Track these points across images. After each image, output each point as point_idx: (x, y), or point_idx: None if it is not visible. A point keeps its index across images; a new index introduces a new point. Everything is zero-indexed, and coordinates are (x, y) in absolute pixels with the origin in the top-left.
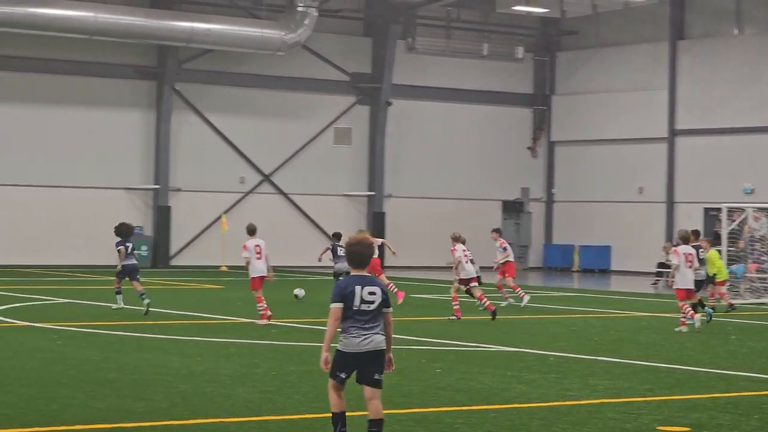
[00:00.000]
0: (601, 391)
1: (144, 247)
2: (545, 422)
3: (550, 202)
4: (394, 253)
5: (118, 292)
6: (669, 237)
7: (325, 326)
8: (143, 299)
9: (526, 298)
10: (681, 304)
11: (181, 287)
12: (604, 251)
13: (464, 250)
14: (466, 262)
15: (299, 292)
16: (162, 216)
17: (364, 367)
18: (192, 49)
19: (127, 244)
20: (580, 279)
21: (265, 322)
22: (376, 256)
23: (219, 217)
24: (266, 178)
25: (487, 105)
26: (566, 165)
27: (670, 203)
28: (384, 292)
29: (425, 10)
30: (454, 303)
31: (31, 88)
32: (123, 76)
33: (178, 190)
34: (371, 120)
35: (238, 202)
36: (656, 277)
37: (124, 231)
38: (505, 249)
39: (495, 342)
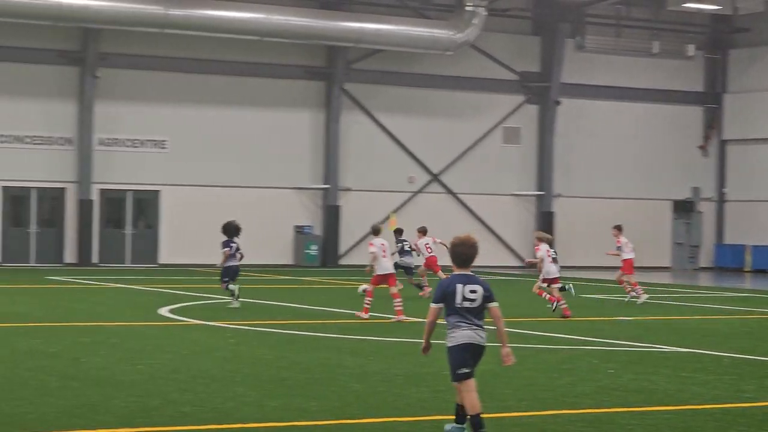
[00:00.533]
0: None
1: (313, 247)
2: (720, 424)
3: (721, 201)
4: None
5: (231, 292)
6: None
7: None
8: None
9: (644, 296)
10: None
11: (351, 286)
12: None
13: (548, 250)
14: (550, 261)
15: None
16: (331, 215)
17: None
18: (361, 49)
19: (232, 244)
20: (753, 279)
21: (366, 316)
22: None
23: (388, 217)
24: (435, 177)
25: (657, 103)
26: (738, 164)
27: None
28: (486, 289)
29: (594, 9)
30: (542, 296)
31: (203, 90)
32: (293, 77)
33: (348, 189)
34: (540, 119)
35: (406, 201)
36: None
37: (231, 230)
38: (619, 247)
39: (668, 343)
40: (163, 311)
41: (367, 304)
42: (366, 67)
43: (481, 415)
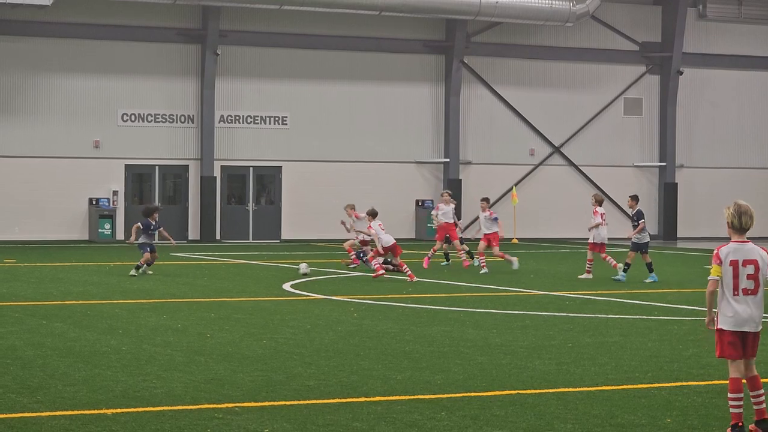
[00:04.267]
0: None
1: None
2: None
3: None
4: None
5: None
6: None
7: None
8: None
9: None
10: None
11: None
12: None
13: (603, 214)
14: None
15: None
16: (453, 189)
17: None
18: (480, 22)
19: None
20: None
21: (381, 272)
22: (451, 221)
23: (510, 189)
24: (556, 149)
25: None
26: None
27: None
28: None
29: None
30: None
31: (322, 65)
32: (412, 51)
33: (469, 163)
34: (662, 90)
35: (528, 174)
36: None
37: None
38: (496, 219)
39: None
40: (286, 286)
41: (379, 265)
42: (485, 40)
43: None
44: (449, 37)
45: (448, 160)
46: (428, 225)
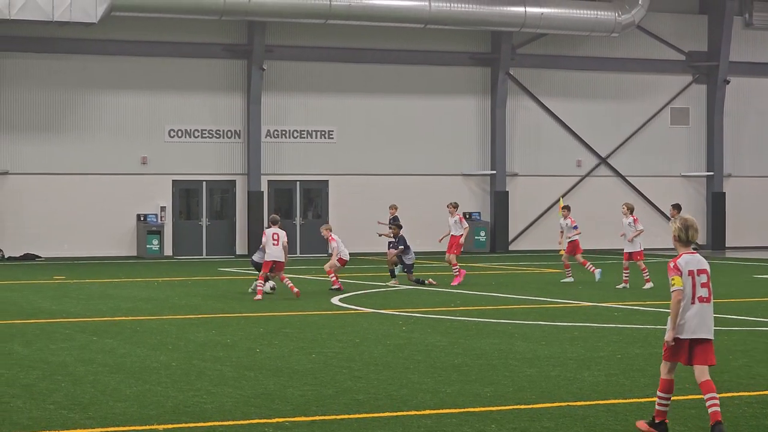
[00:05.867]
0: None
1: (482, 233)
2: None
3: None
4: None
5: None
6: None
7: (668, 309)
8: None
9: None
10: None
11: (521, 272)
12: None
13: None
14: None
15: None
16: (500, 201)
17: None
18: (525, 33)
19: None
20: None
21: (258, 297)
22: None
23: (557, 201)
24: (603, 160)
25: None
26: None
27: None
28: None
29: None
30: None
31: (368, 79)
32: (458, 63)
33: (515, 175)
34: (708, 99)
35: (575, 185)
36: None
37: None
38: (576, 227)
39: None
40: (335, 300)
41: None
42: (531, 52)
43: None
44: (495, 49)
45: (494, 172)
46: (476, 237)
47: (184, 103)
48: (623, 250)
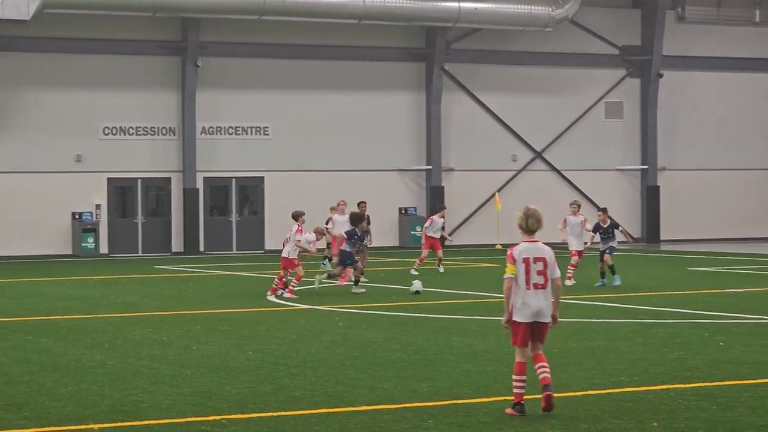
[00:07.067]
0: None
1: (418, 228)
2: None
3: None
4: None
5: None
6: None
7: (603, 302)
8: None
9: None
10: None
11: (457, 267)
12: None
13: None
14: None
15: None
16: (436, 196)
17: None
18: (460, 29)
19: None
20: None
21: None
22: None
23: (492, 196)
24: (538, 155)
25: (760, 72)
26: None
27: None
28: None
29: None
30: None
31: (303, 75)
32: (393, 59)
33: (451, 170)
34: (642, 93)
35: (510, 180)
36: None
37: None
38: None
39: None
40: (271, 297)
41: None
42: (465, 47)
43: None
44: (429, 44)
45: (430, 167)
46: (411, 233)
47: (118, 100)
48: (571, 247)
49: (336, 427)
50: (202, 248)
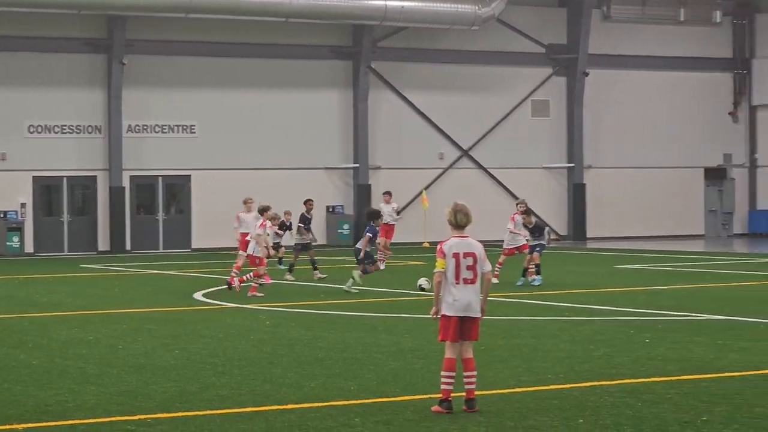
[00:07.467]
0: None
1: (345, 226)
2: (760, 390)
3: (753, 167)
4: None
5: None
6: None
7: (531, 300)
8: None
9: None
10: None
11: (386, 264)
12: None
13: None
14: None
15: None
16: (362, 194)
17: None
18: (387, 27)
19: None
20: None
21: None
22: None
23: (420, 194)
24: (465, 153)
25: (685, 71)
26: None
27: None
28: None
29: None
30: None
31: (230, 73)
32: (320, 57)
33: (378, 168)
34: (568, 91)
35: (437, 178)
36: None
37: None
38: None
39: (704, 311)
40: (198, 296)
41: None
42: (392, 45)
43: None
44: (356, 42)
45: (357, 165)
46: (339, 231)
47: (43, 98)
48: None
49: (262, 425)
50: (128, 247)
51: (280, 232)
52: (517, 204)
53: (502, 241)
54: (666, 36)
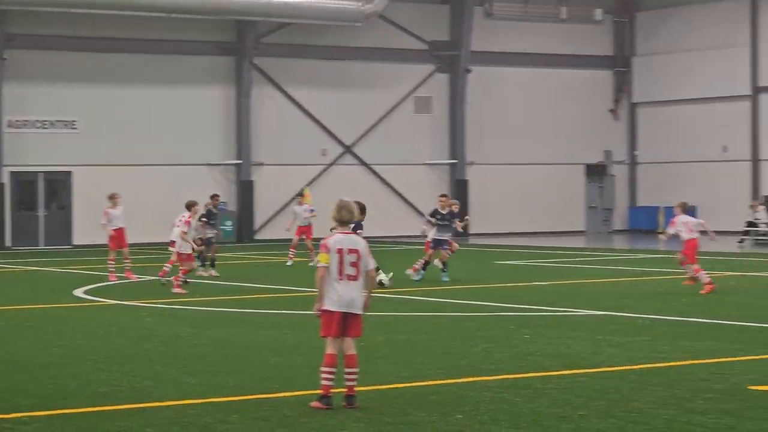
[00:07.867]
0: (692, 353)
1: (228, 222)
2: (636, 385)
3: (633, 164)
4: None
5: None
6: (755, 195)
7: (411, 297)
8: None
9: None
10: None
11: (267, 261)
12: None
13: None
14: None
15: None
16: (245, 191)
17: None
18: (269, 23)
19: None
20: (666, 241)
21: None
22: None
23: (302, 190)
24: (348, 149)
25: (566, 69)
26: (649, 126)
27: (756, 161)
28: None
29: None
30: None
31: (112, 69)
32: (202, 53)
33: (261, 164)
34: (451, 88)
35: (320, 174)
36: (743, 235)
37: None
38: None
39: (583, 306)
40: (79, 292)
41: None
42: (275, 41)
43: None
44: (239, 38)
45: (240, 161)
46: (221, 227)
47: None
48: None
49: (141, 422)
50: (8, 243)
51: (210, 222)
52: (439, 198)
53: (386, 237)
54: (548, 33)
